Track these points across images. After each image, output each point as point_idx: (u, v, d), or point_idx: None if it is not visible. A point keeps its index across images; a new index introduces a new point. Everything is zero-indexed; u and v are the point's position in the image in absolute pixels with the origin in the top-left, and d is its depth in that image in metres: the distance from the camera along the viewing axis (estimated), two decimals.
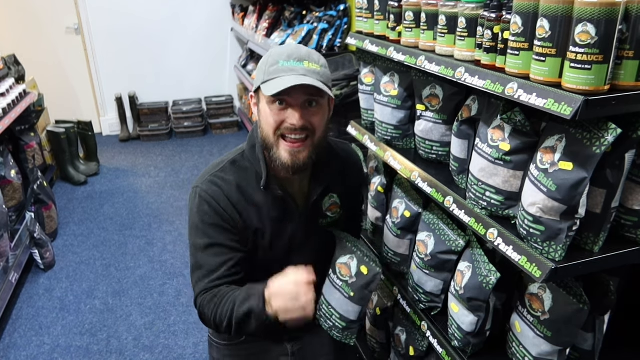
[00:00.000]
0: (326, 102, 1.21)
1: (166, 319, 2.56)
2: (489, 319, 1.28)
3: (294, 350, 1.53)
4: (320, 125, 1.19)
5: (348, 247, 1.32)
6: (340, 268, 1.31)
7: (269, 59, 1.17)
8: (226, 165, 1.29)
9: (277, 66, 1.14)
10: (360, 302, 1.30)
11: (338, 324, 1.33)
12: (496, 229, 1.13)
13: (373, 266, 1.28)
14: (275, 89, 1.10)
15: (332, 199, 1.37)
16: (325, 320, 1.36)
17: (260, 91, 1.17)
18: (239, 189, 1.26)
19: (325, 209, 1.36)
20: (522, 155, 1.09)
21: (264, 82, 1.15)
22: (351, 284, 1.29)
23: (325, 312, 1.35)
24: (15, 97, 3.24)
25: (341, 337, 1.35)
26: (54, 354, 2.35)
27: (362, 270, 1.28)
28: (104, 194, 4.06)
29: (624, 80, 0.90)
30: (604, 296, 1.17)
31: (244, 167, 1.28)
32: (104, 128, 5.49)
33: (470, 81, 1.12)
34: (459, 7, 1.17)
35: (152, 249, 3.22)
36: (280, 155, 1.18)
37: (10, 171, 2.91)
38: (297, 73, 1.12)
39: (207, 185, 1.26)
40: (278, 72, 1.13)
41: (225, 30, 5.38)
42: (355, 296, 1.29)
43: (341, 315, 1.32)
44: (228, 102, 5.40)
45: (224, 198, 1.24)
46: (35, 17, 4.95)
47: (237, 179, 1.27)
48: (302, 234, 1.33)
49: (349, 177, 1.42)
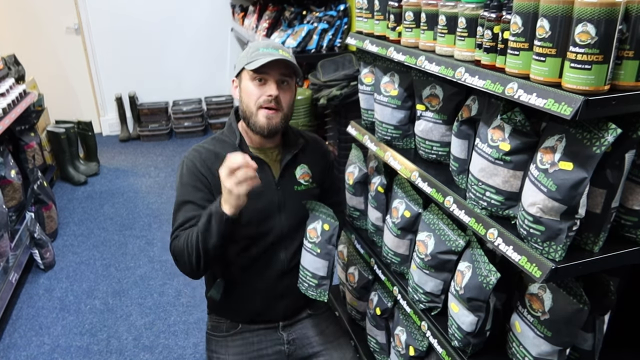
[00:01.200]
0: (294, 84, 1.50)
1: (166, 319, 2.56)
2: (489, 319, 1.28)
3: (289, 339, 1.63)
4: (288, 101, 1.47)
5: (315, 215, 1.52)
6: (309, 232, 1.51)
7: (250, 49, 1.47)
8: (208, 139, 1.57)
9: (257, 52, 1.43)
10: (325, 257, 1.49)
11: (311, 282, 1.51)
12: (496, 229, 1.13)
13: (332, 221, 1.49)
14: (257, 64, 1.39)
15: (303, 169, 1.59)
16: (302, 283, 1.53)
17: (243, 73, 1.46)
18: (216, 155, 1.48)
19: (298, 177, 1.58)
20: (522, 155, 1.09)
21: (248, 63, 1.42)
22: (318, 242, 1.49)
23: (302, 275, 1.53)
24: (15, 97, 3.24)
25: (315, 295, 1.51)
26: (54, 354, 2.35)
27: (325, 227, 1.49)
28: (104, 194, 4.06)
29: (624, 80, 0.90)
30: (604, 296, 1.18)
31: (222, 140, 1.54)
32: (104, 128, 5.49)
33: (470, 81, 1.12)
34: (459, 7, 1.17)
35: (152, 249, 3.22)
36: (259, 120, 1.44)
37: (10, 171, 2.91)
38: (274, 56, 1.40)
39: (189, 152, 1.53)
40: (259, 55, 1.41)
41: (225, 30, 5.38)
42: (321, 252, 1.48)
43: (313, 273, 1.50)
44: (228, 102, 5.39)
45: (200, 161, 1.48)
46: (35, 17, 4.95)
47: (215, 148, 1.51)
48: (279, 197, 1.53)
49: (315, 153, 1.64)
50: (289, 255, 1.55)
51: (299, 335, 1.64)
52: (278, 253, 1.54)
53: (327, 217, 1.50)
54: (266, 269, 1.54)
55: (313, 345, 1.63)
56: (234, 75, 1.52)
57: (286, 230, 1.54)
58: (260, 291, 1.56)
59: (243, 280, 1.55)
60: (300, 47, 3.17)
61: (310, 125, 3.13)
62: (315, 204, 1.53)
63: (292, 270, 1.56)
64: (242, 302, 1.58)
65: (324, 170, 1.66)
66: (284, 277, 1.56)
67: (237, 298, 1.57)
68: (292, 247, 1.56)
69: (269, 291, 1.57)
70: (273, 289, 1.57)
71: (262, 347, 1.61)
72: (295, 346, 1.63)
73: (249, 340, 1.61)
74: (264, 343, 1.61)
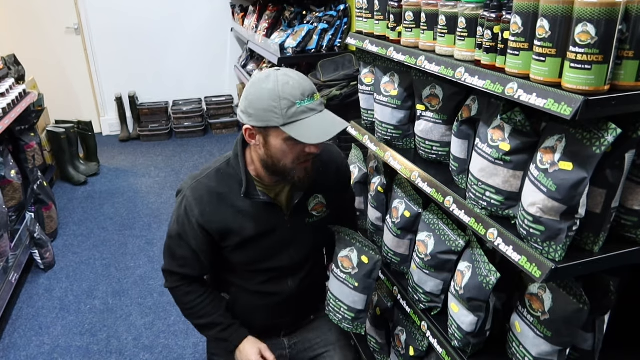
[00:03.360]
0: None
1: (166, 319, 2.56)
2: (489, 319, 1.28)
3: (291, 344, 1.61)
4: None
5: (347, 240, 1.39)
6: (342, 261, 1.37)
7: (282, 101, 1.18)
8: (212, 172, 1.38)
9: (295, 108, 1.18)
10: (365, 291, 1.37)
11: (347, 315, 1.40)
12: (496, 229, 1.13)
13: (372, 254, 1.35)
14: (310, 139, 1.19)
15: (317, 199, 1.45)
16: (335, 314, 1.43)
17: (274, 129, 1.21)
18: (220, 196, 1.34)
19: (310, 208, 1.44)
20: (522, 155, 1.09)
21: (286, 125, 1.18)
22: (354, 275, 1.35)
23: (334, 306, 1.42)
24: (15, 97, 3.24)
25: (352, 328, 1.41)
26: (54, 354, 2.35)
27: (363, 259, 1.34)
28: (104, 194, 4.06)
29: (624, 80, 0.90)
30: (604, 296, 1.17)
31: (228, 175, 1.36)
32: (104, 128, 5.49)
33: (470, 81, 1.12)
34: (459, 7, 1.17)
35: (152, 249, 3.22)
36: (299, 175, 1.29)
37: (10, 171, 2.91)
38: (317, 111, 1.21)
39: (190, 191, 1.36)
40: (299, 114, 1.19)
41: (225, 30, 5.38)
42: (359, 286, 1.36)
43: (349, 306, 1.38)
44: (228, 102, 5.40)
45: (201, 209, 1.34)
46: (35, 17, 4.95)
47: (219, 187, 1.35)
48: (290, 233, 1.42)
49: (331, 176, 1.49)
50: (297, 282, 1.50)
51: (301, 339, 1.62)
52: (286, 281, 1.50)
53: (366, 248, 1.38)
54: (273, 295, 1.50)
55: (314, 348, 1.61)
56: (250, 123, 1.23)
57: (296, 262, 1.47)
58: (266, 311, 1.53)
59: (247, 301, 1.52)
60: (300, 47, 3.17)
61: None
62: (345, 229, 1.44)
63: (300, 293, 1.51)
64: (245, 318, 1.53)
65: (341, 190, 1.56)
66: (290, 300, 1.52)
67: (240, 314, 1.53)
68: (300, 274, 1.51)
69: (274, 312, 1.54)
70: (278, 310, 1.54)
71: None
72: (297, 350, 1.61)
73: None
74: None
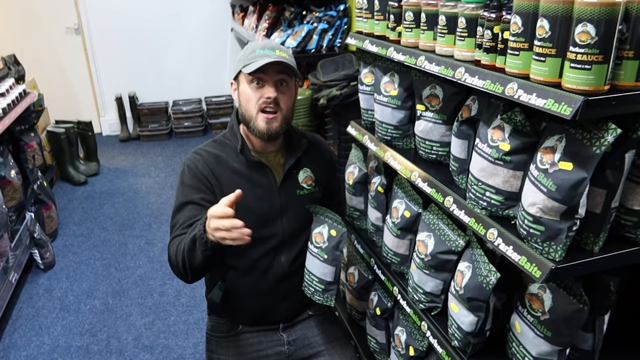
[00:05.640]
0: (293, 85, 1.47)
1: (166, 319, 2.57)
2: (489, 319, 1.28)
3: (289, 340, 1.63)
4: (288, 103, 1.44)
5: (320, 219, 1.51)
6: (315, 237, 1.50)
7: (247, 50, 1.44)
8: (209, 142, 1.55)
9: (254, 53, 1.40)
10: (333, 263, 1.48)
11: (318, 287, 1.50)
12: (496, 229, 1.13)
13: (340, 227, 1.47)
14: (254, 67, 1.35)
15: (306, 173, 1.58)
16: (308, 287, 1.53)
17: (240, 75, 1.44)
18: (217, 157, 1.49)
19: (300, 181, 1.56)
20: (522, 155, 1.09)
21: (244, 66, 1.39)
22: (324, 248, 1.47)
23: (308, 280, 1.52)
24: (15, 97, 3.24)
25: (322, 300, 1.51)
26: (54, 354, 2.35)
27: (332, 233, 1.47)
28: (104, 194, 4.06)
29: (624, 80, 0.90)
30: (604, 296, 1.17)
31: (224, 143, 1.52)
32: (104, 128, 5.49)
33: (470, 81, 1.12)
34: (459, 7, 1.17)
35: (152, 249, 3.22)
36: (258, 124, 1.42)
37: (10, 171, 2.91)
38: (271, 57, 1.37)
39: (190, 155, 1.51)
40: (255, 57, 1.38)
41: (225, 30, 5.38)
42: (328, 258, 1.47)
43: (320, 278, 1.49)
44: (228, 102, 5.40)
45: (202, 163, 1.47)
46: (35, 17, 4.95)
47: (216, 151, 1.50)
48: (282, 201, 1.52)
49: (318, 156, 1.62)
50: (290, 258, 1.55)
51: (299, 336, 1.64)
52: (279, 257, 1.54)
53: (334, 222, 1.49)
54: (267, 272, 1.54)
55: (313, 345, 1.63)
56: (232, 78, 1.49)
57: (288, 235, 1.53)
58: (261, 294, 1.56)
59: (243, 283, 1.55)
60: (300, 47, 3.17)
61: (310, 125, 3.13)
62: (320, 208, 1.52)
63: (293, 273, 1.56)
64: (242, 304, 1.57)
65: (328, 172, 1.65)
66: (285, 280, 1.56)
67: (237, 300, 1.57)
68: (294, 251, 1.55)
69: (270, 294, 1.57)
70: (274, 291, 1.56)
71: (262, 348, 1.61)
72: (296, 347, 1.63)
73: (249, 341, 1.61)
74: (264, 344, 1.61)
